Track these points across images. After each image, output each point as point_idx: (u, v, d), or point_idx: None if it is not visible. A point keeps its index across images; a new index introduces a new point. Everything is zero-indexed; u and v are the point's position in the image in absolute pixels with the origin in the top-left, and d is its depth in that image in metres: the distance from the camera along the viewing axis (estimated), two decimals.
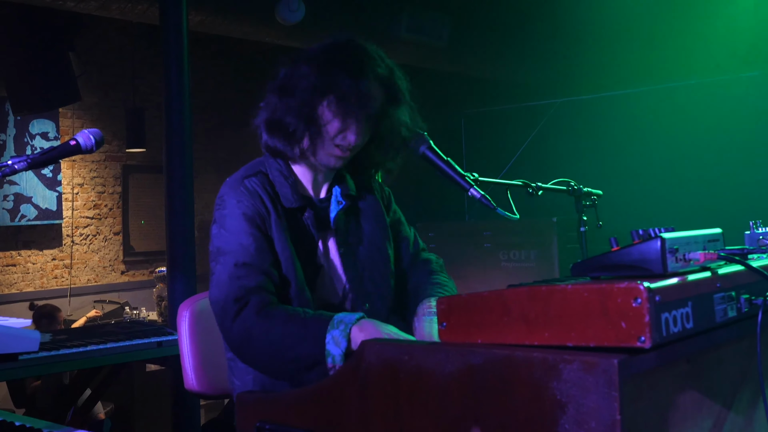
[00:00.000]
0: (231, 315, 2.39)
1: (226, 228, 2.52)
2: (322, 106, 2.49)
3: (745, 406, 1.97)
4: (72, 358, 4.74)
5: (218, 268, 2.48)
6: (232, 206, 2.53)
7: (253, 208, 2.52)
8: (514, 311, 1.68)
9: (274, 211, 2.55)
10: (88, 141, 2.62)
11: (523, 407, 1.60)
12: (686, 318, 1.64)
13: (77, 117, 9.39)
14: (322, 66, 2.50)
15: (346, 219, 2.71)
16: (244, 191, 2.55)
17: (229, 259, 2.46)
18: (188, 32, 6.11)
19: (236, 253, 2.46)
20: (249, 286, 2.41)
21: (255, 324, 2.35)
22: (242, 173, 2.63)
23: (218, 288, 2.45)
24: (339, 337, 2.25)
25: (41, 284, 9.14)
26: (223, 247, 2.50)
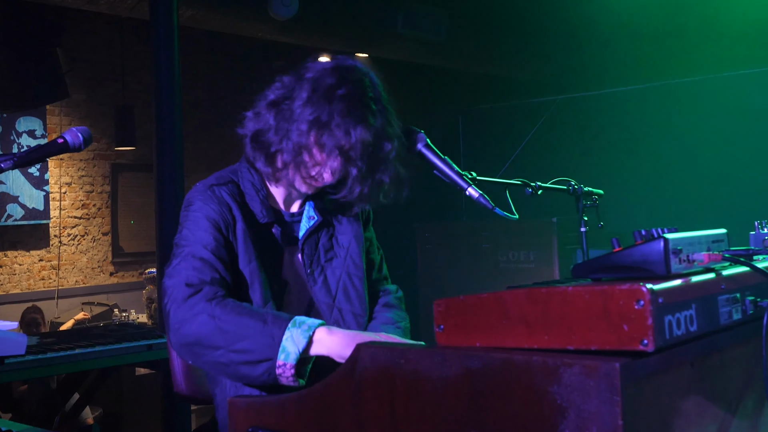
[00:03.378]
0: (179, 299, 2.37)
1: (187, 227, 2.54)
2: (309, 136, 2.46)
3: (750, 410, 1.97)
4: (59, 362, 4.74)
5: (174, 259, 2.49)
6: (197, 207, 2.55)
7: (218, 212, 2.53)
8: (513, 314, 1.68)
9: (243, 222, 2.56)
10: (76, 139, 2.61)
11: (522, 412, 1.60)
12: (690, 320, 1.64)
13: (65, 114, 9.38)
14: (321, 98, 2.46)
15: (318, 235, 2.71)
16: (212, 196, 2.56)
17: (186, 251, 2.48)
18: (179, 27, 6.11)
19: (194, 247, 2.48)
20: (204, 278, 2.41)
21: (205, 309, 2.33)
22: (212, 181, 2.64)
23: (169, 275, 2.46)
24: (300, 337, 2.24)
25: (28, 286, 9.12)
26: (182, 242, 2.52)
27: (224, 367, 2.31)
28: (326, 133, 2.44)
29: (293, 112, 2.48)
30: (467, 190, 2.57)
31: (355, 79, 2.51)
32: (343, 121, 2.43)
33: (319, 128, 2.44)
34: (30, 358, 4.59)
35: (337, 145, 2.44)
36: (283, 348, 2.22)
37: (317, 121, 2.44)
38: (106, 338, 5.17)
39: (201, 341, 2.32)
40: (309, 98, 2.47)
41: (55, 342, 5.05)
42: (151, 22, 6.14)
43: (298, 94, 2.50)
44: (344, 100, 2.45)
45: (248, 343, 2.26)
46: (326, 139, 2.44)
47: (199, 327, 2.31)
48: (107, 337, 5.20)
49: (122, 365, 5.47)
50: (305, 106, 2.47)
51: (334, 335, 2.25)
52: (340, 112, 2.43)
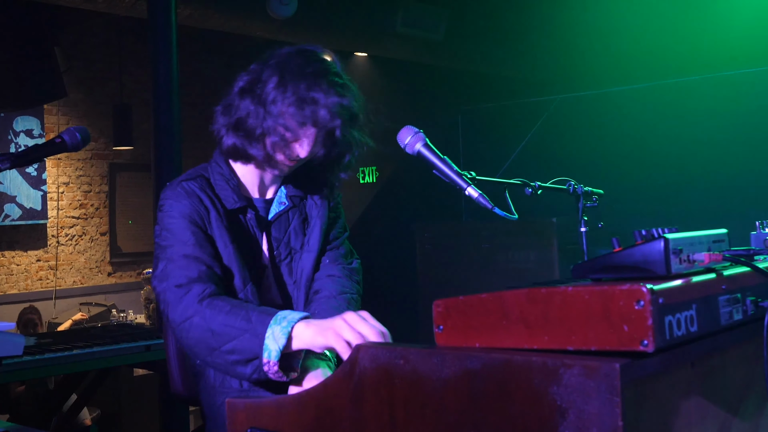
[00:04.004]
0: (173, 303, 2.45)
1: (165, 227, 2.59)
2: (288, 114, 2.54)
3: (751, 412, 1.97)
4: (57, 363, 4.74)
5: (160, 263, 2.55)
6: (170, 206, 2.62)
7: (190, 206, 2.60)
8: (512, 314, 1.67)
9: (214, 210, 2.63)
10: (73, 138, 2.62)
11: (522, 413, 1.60)
12: (690, 321, 1.64)
13: (63, 114, 9.39)
14: (293, 77, 2.56)
15: (288, 219, 2.79)
16: (182, 192, 2.64)
17: (169, 252, 2.54)
18: (177, 26, 6.11)
19: (176, 246, 2.54)
20: (191, 275, 2.48)
21: (197, 311, 2.40)
22: (182, 178, 2.73)
23: (158, 280, 2.52)
24: (279, 334, 2.29)
25: (25, 286, 9.13)
26: (164, 244, 2.57)
27: (222, 367, 2.40)
28: (306, 108, 2.52)
29: (268, 94, 2.57)
30: (467, 189, 2.56)
31: (319, 59, 2.63)
32: (321, 94, 2.52)
33: (299, 104, 2.52)
34: (27, 358, 4.59)
35: (315, 117, 2.53)
36: (266, 346, 2.29)
37: (297, 98, 2.53)
38: (104, 339, 5.17)
39: (198, 344, 2.40)
40: (281, 78, 2.56)
41: (53, 343, 5.05)
42: (149, 21, 6.14)
43: (269, 77, 2.59)
44: (314, 75, 2.55)
45: (236, 343, 2.33)
46: (306, 113, 2.52)
47: (194, 331, 2.40)
48: (105, 338, 5.20)
49: (120, 366, 5.47)
50: (279, 86, 2.56)
51: (310, 328, 2.29)
52: (316, 87, 2.53)
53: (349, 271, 2.89)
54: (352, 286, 2.83)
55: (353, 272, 2.90)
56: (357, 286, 2.87)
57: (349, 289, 2.80)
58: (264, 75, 2.60)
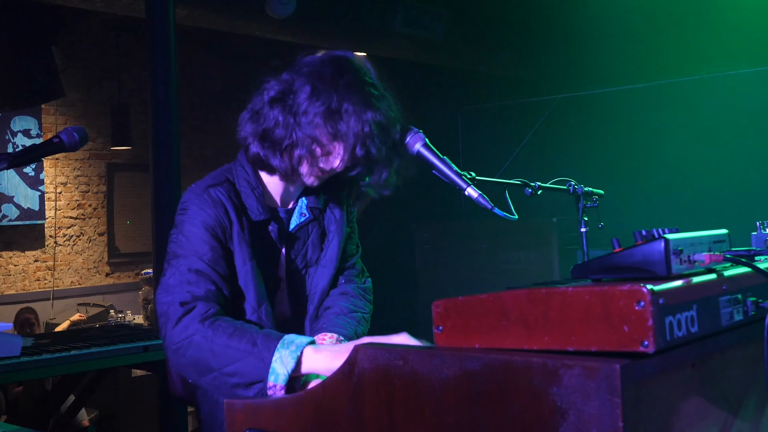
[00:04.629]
0: (174, 319, 2.40)
1: (183, 233, 2.54)
2: (321, 126, 2.49)
3: (751, 412, 1.97)
4: (55, 363, 4.74)
5: (169, 270, 2.50)
6: (194, 213, 2.55)
7: (214, 217, 2.54)
8: (512, 315, 1.68)
9: (237, 223, 2.58)
10: (71, 138, 2.61)
11: (522, 414, 1.60)
12: (691, 322, 1.64)
13: (60, 113, 9.39)
14: (326, 88, 2.50)
15: (308, 234, 2.76)
16: (208, 199, 2.56)
17: (182, 263, 2.49)
18: (175, 26, 6.10)
19: (190, 259, 2.49)
20: (197, 293, 2.43)
21: (197, 331, 2.36)
22: (208, 181, 2.64)
23: (165, 291, 2.47)
24: (288, 358, 2.26)
25: (23, 287, 9.12)
26: (178, 251, 2.52)
27: (218, 388, 2.36)
28: (338, 121, 2.47)
29: (300, 105, 2.50)
30: (466, 190, 2.56)
31: (353, 68, 2.55)
32: (353, 107, 2.47)
33: (330, 117, 2.47)
34: (25, 359, 4.59)
35: (349, 132, 2.47)
36: (273, 370, 2.26)
37: (328, 110, 2.47)
38: (102, 339, 5.17)
39: (196, 364, 2.36)
40: (314, 89, 2.50)
41: (51, 343, 5.05)
42: (147, 20, 6.13)
43: (301, 87, 2.52)
44: (349, 87, 2.49)
45: (239, 365, 2.30)
46: (340, 127, 2.47)
47: (193, 350, 2.36)
48: (103, 339, 5.20)
49: (118, 367, 5.47)
50: (312, 97, 2.49)
51: (320, 354, 2.27)
52: (348, 99, 2.47)
53: (362, 290, 2.88)
54: (364, 305, 2.82)
55: (366, 291, 2.90)
56: (369, 306, 2.86)
57: (360, 308, 2.79)
58: (296, 85, 2.54)
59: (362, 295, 2.85)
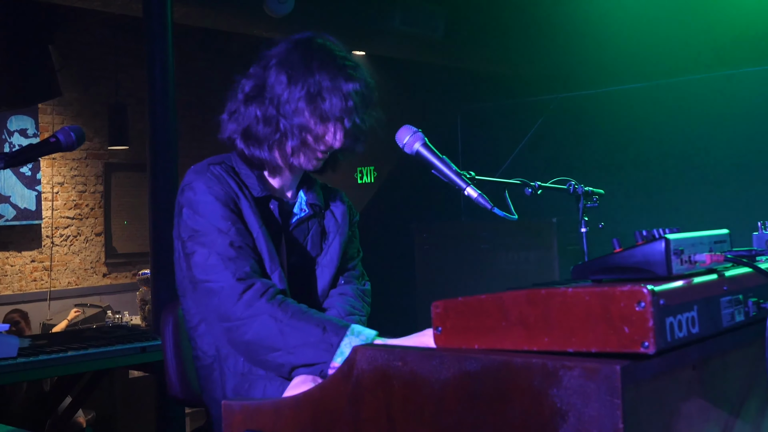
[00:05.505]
0: (234, 296, 2.41)
1: (200, 212, 2.53)
2: (307, 112, 2.53)
3: (753, 414, 1.97)
4: (52, 364, 4.73)
5: (202, 250, 2.49)
6: (203, 191, 2.55)
7: (223, 192, 2.56)
8: (512, 315, 1.67)
9: (243, 196, 2.60)
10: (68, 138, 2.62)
11: (521, 416, 1.60)
12: (692, 322, 1.64)
13: (57, 113, 9.38)
14: (301, 73, 2.54)
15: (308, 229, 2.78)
16: (212, 177, 2.59)
17: (215, 240, 2.49)
18: (173, 24, 6.10)
19: (219, 237, 2.49)
20: (247, 269, 2.45)
21: (265, 310, 2.39)
22: (207, 161, 2.67)
23: (207, 270, 2.47)
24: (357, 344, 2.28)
25: (20, 287, 9.12)
26: (201, 230, 2.52)
27: (279, 366, 2.39)
28: (322, 102, 2.52)
29: (279, 96, 2.55)
30: (466, 189, 2.56)
31: (320, 46, 2.61)
32: (332, 84, 2.52)
33: (313, 100, 2.52)
34: (22, 360, 4.58)
35: (334, 109, 2.52)
36: (341, 352, 2.31)
37: (309, 95, 2.52)
38: (99, 340, 5.16)
39: (261, 342, 2.39)
40: (290, 77, 2.54)
41: (48, 344, 5.04)
42: (144, 19, 6.13)
43: (275, 78, 2.57)
44: (322, 66, 2.54)
45: (308, 349, 2.34)
46: (325, 107, 2.52)
47: (260, 328, 2.38)
48: (100, 339, 5.19)
49: (115, 368, 5.46)
50: (290, 85, 2.54)
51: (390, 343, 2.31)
52: (326, 78, 2.52)
53: (362, 292, 2.89)
54: (362, 307, 2.83)
55: (365, 294, 2.90)
56: (367, 308, 2.86)
57: (358, 311, 2.79)
58: (269, 78, 2.58)
59: (361, 297, 2.86)
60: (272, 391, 2.51)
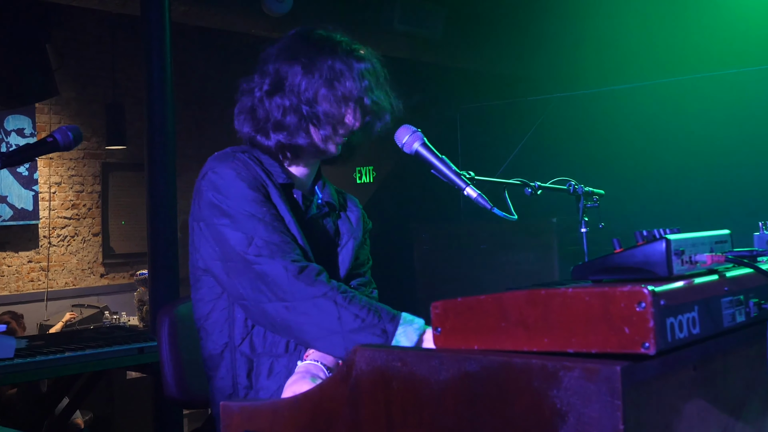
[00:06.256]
0: (292, 274, 2.42)
1: (231, 198, 2.52)
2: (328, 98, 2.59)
3: (754, 415, 1.97)
4: (49, 365, 4.73)
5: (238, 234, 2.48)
6: (231, 176, 2.55)
7: (252, 177, 2.57)
8: (512, 316, 1.68)
9: (270, 183, 2.62)
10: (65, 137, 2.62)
11: (521, 417, 1.60)
12: (692, 323, 1.64)
13: (54, 112, 9.38)
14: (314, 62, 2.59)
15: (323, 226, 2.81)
16: (238, 162, 2.59)
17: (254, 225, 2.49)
18: (171, 23, 6.10)
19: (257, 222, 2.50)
20: (296, 251, 2.48)
21: (326, 291, 2.40)
22: (230, 149, 2.69)
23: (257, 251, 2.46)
24: (412, 333, 2.37)
25: (17, 288, 9.12)
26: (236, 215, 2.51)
27: (333, 348, 2.40)
28: (339, 86, 2.58)
29: (298, 86, 2.59)
30: (465, 189, 2.56)
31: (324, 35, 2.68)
32: (345, 67, 2.59)
33: (331, 85, 2.58)
34: (19, 361, 4.58)
35: (353, 90, 2.59)
36: (397, 341, 2.34)
37: (327, 81, 2.58)
38: (97, 341, 5.16)
39: (320, 324, 2.39)
40: (304, 67, 2.60)
41: (45, 345, 5.04)
42: (142, 18, 6.13)
43: (290, 70, 2.61)
44: (332, 52, 2.61)
45: (364, 334, 2.35)
46: (343, 90, 2.58)
47: (319, 310, 2.39)
48: (98, 340, 5.19)
49: (113, 369, 5.46)
50: (306, 75, 2.59)
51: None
52: (338, 62, 2.59)
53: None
54: None
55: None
56: None
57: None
58: (283, 71, 2.62)
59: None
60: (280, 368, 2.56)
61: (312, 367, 2.45)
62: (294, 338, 2.51)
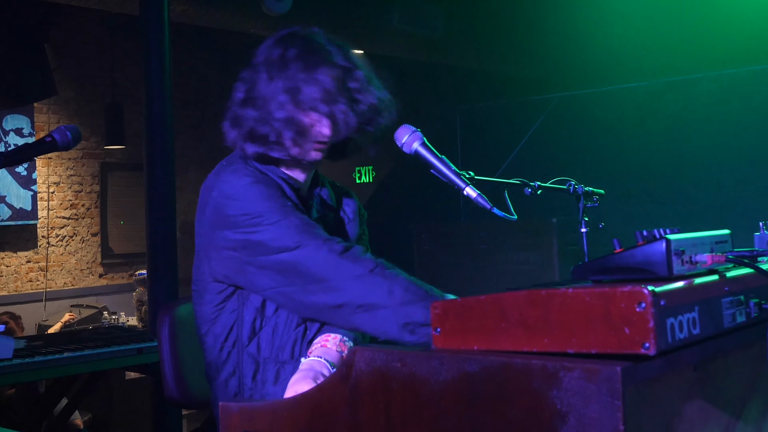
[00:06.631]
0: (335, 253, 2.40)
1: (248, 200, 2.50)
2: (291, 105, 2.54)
3: (755, 415, 1.97)
4: (48, 366, 4.73)
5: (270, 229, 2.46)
6: (246, 182, 2.52)
7: (264, 180, 2.56)
8: (512, 316, 1.67)
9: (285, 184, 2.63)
10: (64, 137, 2.62)
11: (521, 417, 1.60)
12: (693, 323, 1.64)
13: (53, 112, 9.37)
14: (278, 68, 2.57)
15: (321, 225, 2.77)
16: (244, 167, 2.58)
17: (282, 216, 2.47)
18: (170, 23, 6.10)
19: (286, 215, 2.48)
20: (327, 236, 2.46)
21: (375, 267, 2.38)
22: (234, 155, 2.68)
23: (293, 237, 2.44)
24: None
25: (15, 288, 9.11)
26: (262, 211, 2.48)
27: (382, 325, 2.36)
28: (300, 93, 2.52)
29: (263, 94, 2.56)
30: (465, 189, 2.56)
31: (298, 39, 2.63)
32: (306, 74, 2.53)
33: (293, 93, 2.53)
34: (17, 361, 4.58)
35: (315, 98, 2.53)
36: None
37: (287, 89, 2.53)
38: (96, 341, 5.16)
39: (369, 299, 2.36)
40: (269, 75, 2.57)
41: (43, 345, 5.04)
42: (141, 17, 6.13)
43: (259, 77, 2.60)
44: (297, 58, 2.56)
45: (416, 309, 2.30)
46: (304, 98, 2.52)
47: (370, 286, 2.36)
48: (96, 341, 5.19)
49: (112, 369, 5.46)
50: (270, 83, 2.56)
51: None
52: (302, 68, 2.53)
53: None
54: None
55: None
56: None
57: None
58: (254, 78, 2.61)
59: None
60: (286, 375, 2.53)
61: (316, 363, 2.44)
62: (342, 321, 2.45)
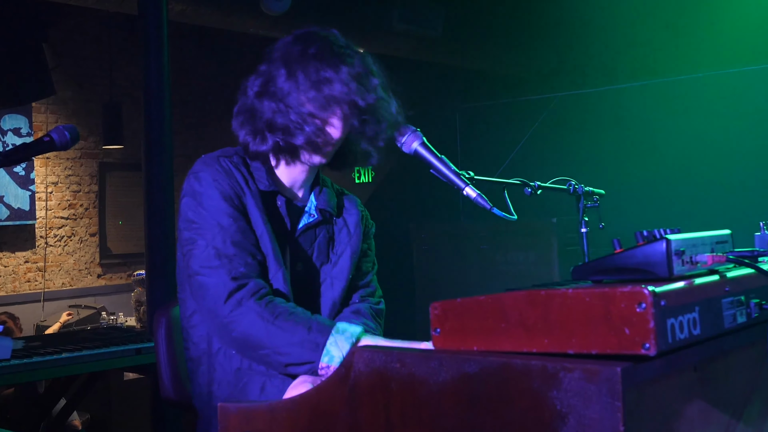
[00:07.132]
0: (225, 293, 2.45)
1: (203, 206, 2.56)
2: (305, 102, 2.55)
3: (755, 416, 1.97)
4: (46, 366, 4.73)
5: (201, 242, 2.53)
6: (208, 184, 2.58)
7: (230, 187, 2.58)
8: (511, 317, 1.67)
9: (249, 191, 2.62)
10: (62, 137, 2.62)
11: (521, 418, 1.60)
12: (693, 324, 1.64)
13: (51, 112, 9.37)
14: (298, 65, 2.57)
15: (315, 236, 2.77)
16: (220, 170, 2.61)
17: (215, 235, 2.52)
18: (168, 22, 6.09)
19: (218, 232, 2.52)
20: (242, 269, 2.48)
21: (252, 308, 2.43)
22: (218, 153, 2.70)
23: (202, 263, 2.51)
24: (344, 343, 2.35)
25: (13, 288, 9.11)
26: (203, 224, 2.54)
27: (268, 364, 2.45)
28: (321, 90, 2.53)
29: (282, 89, 2.57)
30: (465, 189, 2.56)
31: (318, 38, 2.63)
32: (328, 73, 2.54)
33: (311, 90, 2.54)
34: (15, 362, 4.57)
35: (330, 96, 2.54)
36: (327, 351, 2.34)
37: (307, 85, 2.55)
38: (94, 342, 5.16)
39: (249, 340, 2.43)
40: (289, 70, 2.57)
41: (42, 346, 5.04)
42: (139, 17, 6.12)
43: (277, 72, 2.59)
44: (317, 56, 2.56)
45: (294, 348, 2.38)
46: (325, 95, 2.53)
47: (248, 327, 2.43)
48: (95, 341, 5.19)
49: (110, 370, 5.46)
50: (289, 78, 2.56)
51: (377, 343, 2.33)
52: (323, 66, 2.54)
53: (376, 311, 2.87)
54: (375, 327, 2.80)
55: (378, 314, 2.88)
56: (380, 329, 2.84)
57: (371, 330, 2.74)
58: (272, 72, 2.60)
59: (374, 317, 2.84)
60: (272, 389, 2.50)
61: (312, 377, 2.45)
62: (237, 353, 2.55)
